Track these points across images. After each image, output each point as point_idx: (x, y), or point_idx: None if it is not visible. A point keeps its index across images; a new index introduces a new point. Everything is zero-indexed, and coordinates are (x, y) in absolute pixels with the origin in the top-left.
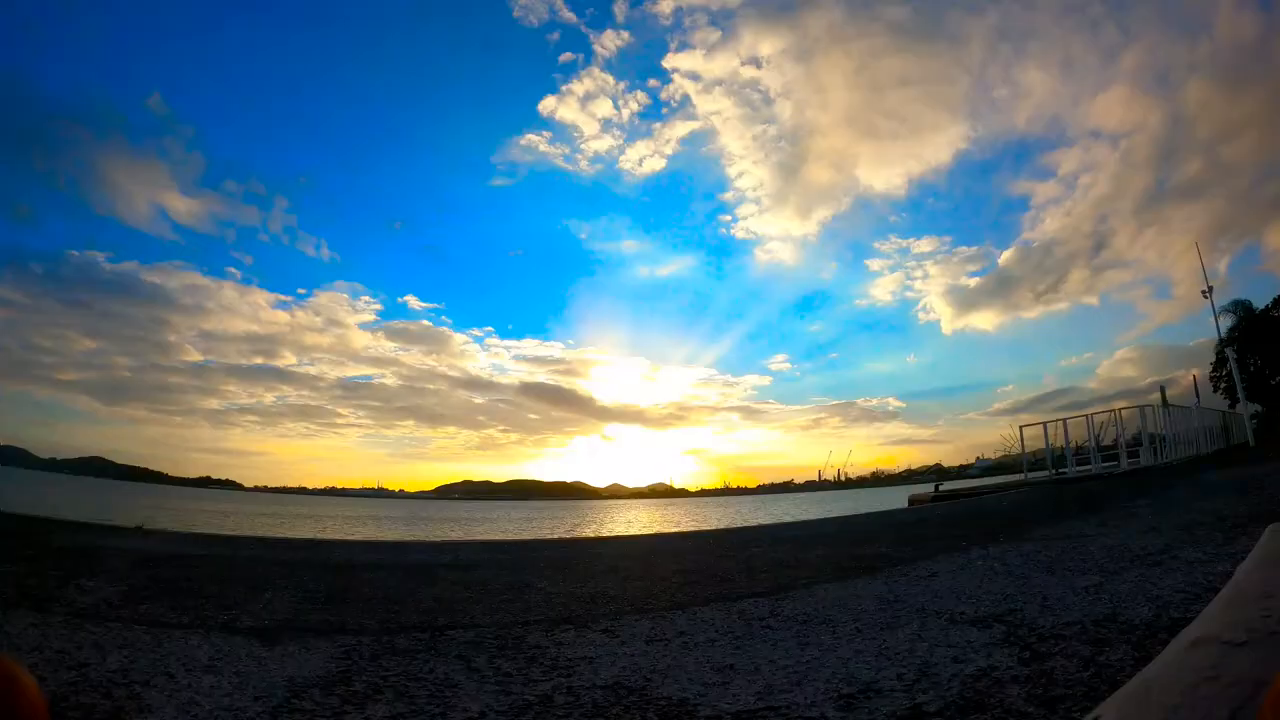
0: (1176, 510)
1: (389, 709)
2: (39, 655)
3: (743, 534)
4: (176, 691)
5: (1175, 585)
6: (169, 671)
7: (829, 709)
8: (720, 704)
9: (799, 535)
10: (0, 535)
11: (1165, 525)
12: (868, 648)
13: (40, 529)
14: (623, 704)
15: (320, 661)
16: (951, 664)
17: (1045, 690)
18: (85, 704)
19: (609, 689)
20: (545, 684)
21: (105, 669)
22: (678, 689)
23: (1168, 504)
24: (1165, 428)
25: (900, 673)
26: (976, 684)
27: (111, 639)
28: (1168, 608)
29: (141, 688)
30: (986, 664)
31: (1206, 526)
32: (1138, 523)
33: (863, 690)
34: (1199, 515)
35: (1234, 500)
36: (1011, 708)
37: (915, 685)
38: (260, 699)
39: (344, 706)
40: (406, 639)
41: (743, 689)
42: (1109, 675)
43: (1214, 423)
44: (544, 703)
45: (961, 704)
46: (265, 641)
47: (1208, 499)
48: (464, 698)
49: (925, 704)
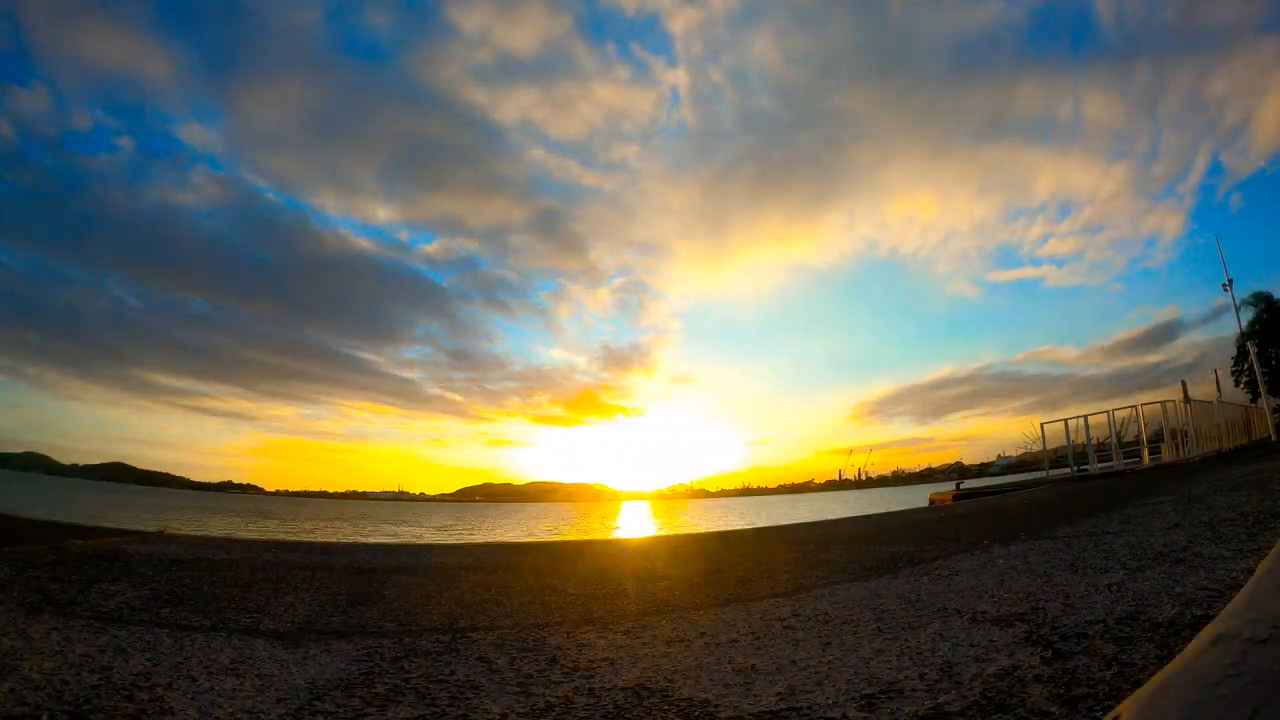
0: (1199, 507)
1: (410, 711)
2: (62, 659)
3: (763, 534)
4: (199, 694)
5: (1198, 582)
6: (191, 674)
7: (851, 709)
8: (742, 705)
9: (819, 535)
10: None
11: (1188, 522)
12: (889, 647)
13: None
14: (644, 705)
15: (342, 664)
16: (974, 664)
17: (1068, 690)
18: (108, 707)
19: (630, 691)
20: (566, 686)
21: (128, 672)
22: (699, 690)
23: (1190, 501)
24: (1187, 423)
25: (922, 673)
26: (999, 684)
27: (134, 642)
28: (1191, 605)
29: (164, 690)
30: (1009, 663)
31: (1229, 523)
32: (1160, 520)
33: (885, 690)
34: (1221, 512)
35: (1257, 496)
36: (1034, 707)
37: (937, 685)
38: (282, 701)
39: (365, 709)
40: (428, 641)
41: (765, 689)
42: (1132, 674)
43: (1236, 418)
44: (565, 705)
45: (984, 704)
46: (287, 644)
47: (1230, 495)
48: (485, 700)
49: (947, 704)
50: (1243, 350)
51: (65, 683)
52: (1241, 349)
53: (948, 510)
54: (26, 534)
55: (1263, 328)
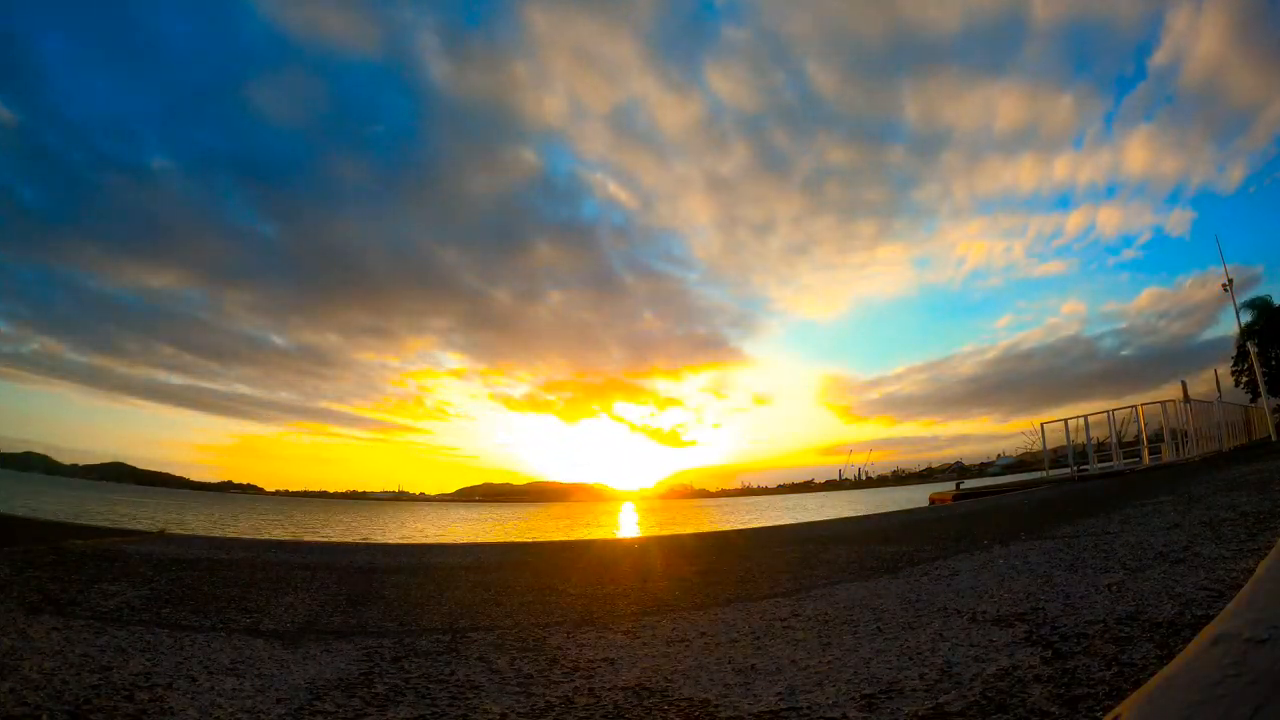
0: (1199, 507)
1: (410, 711)
2: (62, 659)
3: (763, 534)
4: (199, 694)
5: (1198, 582)
6: (191, 674)
7: (851, 709)
8: (742, 705)
9: (819, 535)
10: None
11: (1188, 522)
12: (889, 648)
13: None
14: (644, 705)
15: (342, 664)
16: (974, 664)
17: (1068, 690)
18: (108, 707)
19: (630, 690)
20: (566, 685)
21: (128, 672)
22: (699, 690)
23: (1190, 501)
24: (1187, 423)
25: (922, 673)
26: (999, 684)
27: (134, 642)
28: (1191, 605)
29: (164, 690)
30: (1009, 663)
31: (1229, 523)
32: (1160, 520)
33: (885, 690)
34: (1222, 512)
35: (1257, 496)
36: (1034, 707)
37: (937, 685)
38: (282, 701)
39: (365, 709)
40: (428, 641)
41: (765, 689)
42: (1132, 674)
43: (1236, 418)
44: (565, 704)
45: (984, 704)
46: (287, 644)
47: (1230, 495)
48: (485, 699)
49: (947, 704)
50: (1242, 350)
51: (65, 683)
52: (1241, 349)
53: (948, 510)
54: (26, 534)
55: (1262, 329)
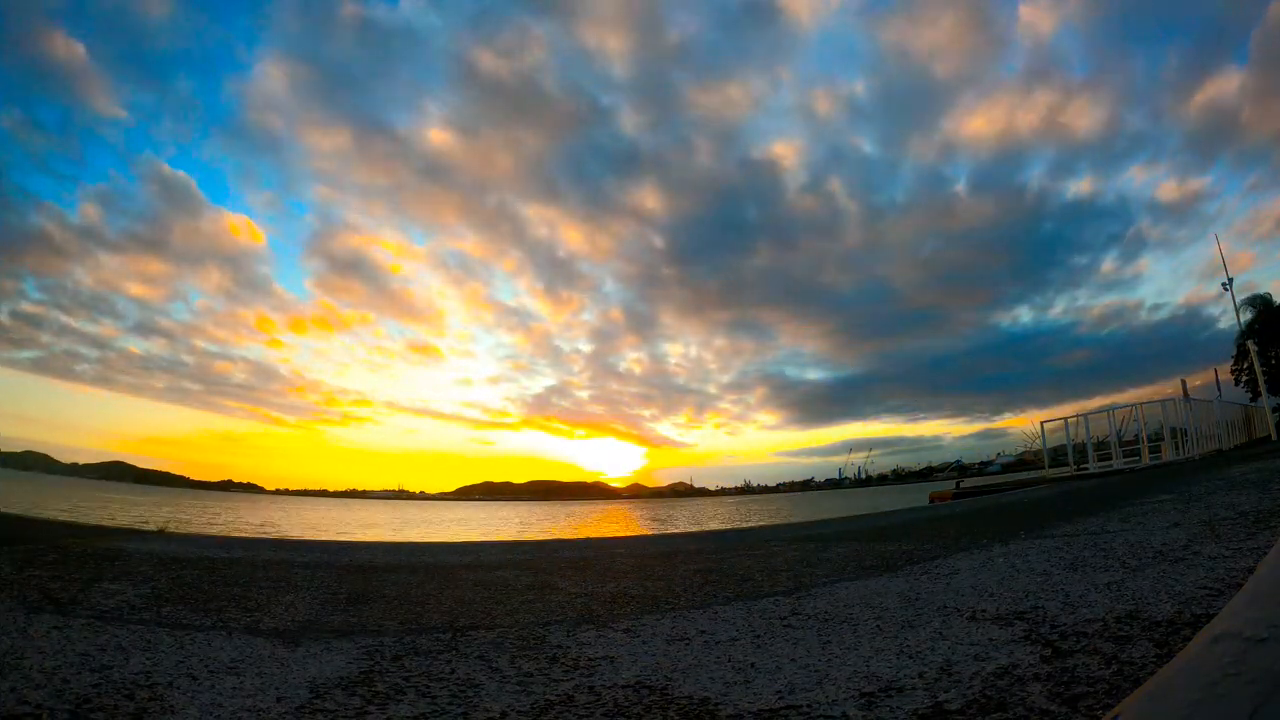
0: (1198, 506)
1: (411, 709)
2: (62, 658)
3: (763, 533)
4: (199, 693)
5: (1198, 581)
6: (192, 673)
7: (851, 707)
8: (742, 703)
9: (820, 534)
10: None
11: (1187, 521)
12: (889, 646)
13: (63, 532)
14: (644, 703)
15: (342, 662)
16: (973, 662)
17: (1067, 688)
18: (108, 705)
19: (630, 688)
20: (567, 683)
21: (128, 671)
22: (699, 688)
23: (1189, 499)
24: (1187, 422)
25: (922, 671)
26: (998, 682)
27: (134, 641)
28: (1190, 604)
29: (164, 689)
30: (1008, 662)
31: (1229, 522)
32: (1160, 519)
33: (884, 689)
34: (1221, 510)
35: (1256, 495)
36: (1033, 706)
37: (937, 683)
38: (283, 700)
39: (366, 707)
40: (428, 640)
41: (764, 688)
42: (1131, 673)
43: (1236, 417)
44: (565, 702)
45: (983, 702)
46: (287, 643)
47: (1230, 494)
48: (486, 698)
49: (947, 702)
50: (1242, 350)
51: (66, 681)
52: (1241, 348)
53: (948, 509)
54: (27, 533)
55: (1262, 328)
